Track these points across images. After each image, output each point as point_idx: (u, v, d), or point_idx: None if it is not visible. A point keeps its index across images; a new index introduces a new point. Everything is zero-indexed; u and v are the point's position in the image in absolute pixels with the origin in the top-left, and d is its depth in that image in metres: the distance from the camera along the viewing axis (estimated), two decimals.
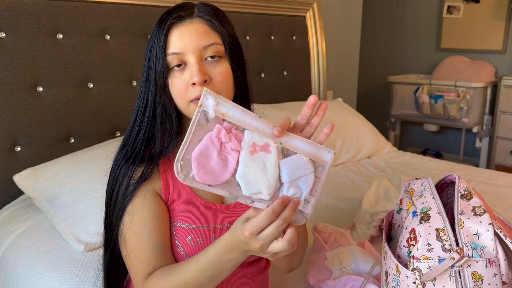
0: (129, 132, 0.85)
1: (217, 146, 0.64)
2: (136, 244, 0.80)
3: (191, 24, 0.79)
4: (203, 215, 0.85)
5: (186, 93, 0.79)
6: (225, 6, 2.02)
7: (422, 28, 3.71)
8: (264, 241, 0.64)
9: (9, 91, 1.44)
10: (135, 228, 0.81)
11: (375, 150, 2.26)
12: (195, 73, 0.77)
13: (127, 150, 0.84)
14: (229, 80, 0.82)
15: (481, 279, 0.70)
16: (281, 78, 2.41)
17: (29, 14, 1.47)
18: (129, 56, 1.72)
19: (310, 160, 0.68)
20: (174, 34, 0.79)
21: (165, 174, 0.85)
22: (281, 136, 0.67)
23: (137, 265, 0.80)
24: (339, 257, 1.09)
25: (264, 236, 0.64)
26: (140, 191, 0.82)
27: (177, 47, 0.78)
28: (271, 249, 0.65)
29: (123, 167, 0.83)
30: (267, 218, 0.63)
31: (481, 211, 0.76)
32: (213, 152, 0.64)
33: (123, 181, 0.82)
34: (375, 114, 3.57)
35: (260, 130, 0.66)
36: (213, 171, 0.64)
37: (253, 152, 0.65)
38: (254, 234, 0.64)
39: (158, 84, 0.80)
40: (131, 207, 0.81)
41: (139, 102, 0.84)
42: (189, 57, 0.78)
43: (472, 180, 1.88)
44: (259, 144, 0.65)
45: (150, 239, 0.80)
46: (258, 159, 0.65)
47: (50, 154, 1.52)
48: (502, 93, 3.03)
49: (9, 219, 1.37)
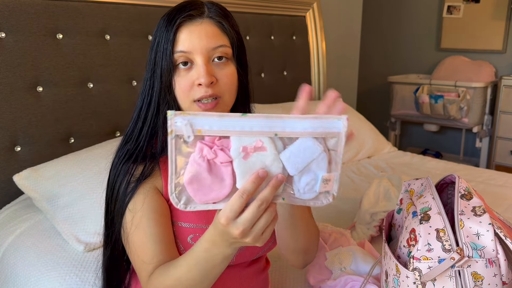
0: (131, 128, 0.85)
1: (204, 166, 0.58)
2: (139, 239, 0.80)
3: (201, 24, 0.79)
4: (204, 215, 0.85)
5: (191, 92, 0.79)
6: (225, 6, 2.02)
7: (422, 28, 3.71)
8: (244, 226, 0.58)
9: (9, 91, 1.44)
10: (137, 224, 0.80)
11: (375, 150, 2.26)
12: (203, 74, 0.77)
13: (129, 147, 0.83)
14: (235, 83, 0.82)
15: (481, 279, 0.70)
16: (281, 78, 2.41)
17: (29, 14, 1.47)
18: (129, 56, 1.72)
19: (316, 138, 0.59)
20: (184, 33, 0.79)
21: (166, 172, 0.85)
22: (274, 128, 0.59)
23: (142, 260, 0.79)
24: (339, 257, 1.09)
25: (243, 220, 0.58)
26: (141, 188, 0.81)
27: (185, 46, 0.78)
28: (253, 230, 0.60)
29: (125, 164, 0.82)
30: (238, 199, 0.58)
31: (481, 211, 0.76)
32: (203, 172, 0.58)
33: (124, 178, 0.82)
34: (375, 114, 3.57)
35: (247, 130, 0.58)
36: (211, 190, 0.59)
37: (246, 157, 0.58)
38: (231, 219, 0.59)
39: (163, 81, 0.80)
40: (133, 204, 0.81)
41: (142, 98, 0.84)
42: (196, 57, 0.78)
43: (472, 180, 1.88)
44: (251, 146, 0.58)
45: (154, 233, 0.80)
46: (255, 161, 0.58)
47: (50, 154, 1.52)
48: (502, 93, 3.03)
49: (9, 219, 1.37)
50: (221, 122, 0.57)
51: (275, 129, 0.58)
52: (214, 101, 0.79)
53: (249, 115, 0.57)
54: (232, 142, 0.58)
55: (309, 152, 0.59)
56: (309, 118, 0.59)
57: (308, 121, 0.59)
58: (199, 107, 0.79)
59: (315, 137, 0.59)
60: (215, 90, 0.78)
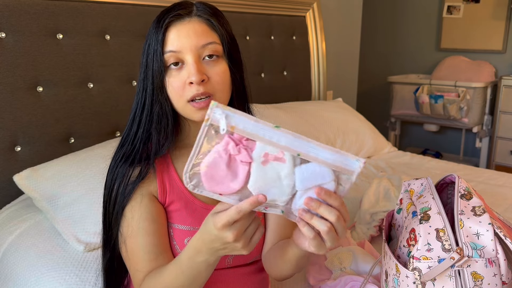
0: (127, 131, 0.85)
1: (224, 159, 0.61)
2: (131, 248, 0.81)
3: (189, 22, 0.79)
4: (201, 217, 0.85)
5: (183, 92, 0.78)
6: (225, 6, 2.02)
7: (422, 28, 3.71)
8: (237, 230, 0.62)
9: (9, 91, 1.44)
10: (130, 233, 0.81)
11: (375, 150, 2.26)
12: (193, 72, 0.77)
13: (125, 150, 0.84)
14: (227, 80, 0.81)
15: (481, 279, 0.70)
16: (281, 78, 2.41)
17: (29, 14, 1.47)
18: (129, 56, 1.72)
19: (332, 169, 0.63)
20: (172, 33, 0.78)
21: (161, 175, 0.85)
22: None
23: (134, 268, 0.81)
24: (339, 257, 1.09)
25: (238, 225, 0.63)
26: (136, 193, 0.82)
27: (174, 45, 0.78)
28: (245, 234, 0.64)
29: (122, 167, 0.83)
30: (235, 213, 0.61)
31: (481, 211, 0.76)
32: (221, 164, 0.62)
33: (122, 180, 0.82)
34: (375, 114, 3.57)
35: (274, 141, 0.61)
36: (223, 182, 0.62)
37: (265, 163, 0.62)
38: (227, 225, 0.62)
39: (155, 82, 0.80)
40: (129, 209, 0.82)
41: (137, 100, 0.84)
42: (186, 56, 0.78)
43: (472, 180, 1.88)
44: (272, 154, 0.61)
45: (145, 243, 0.80)
46: (272, 169, 0.62)
47: (50, 154, 1.52)
48: (502, 93, 3.03)
49: (9, 219, 1.37)
50: (254, 127, 0.61)
51: (300, 150, 0.62)
52: (207, 100, 0.78)
53: (282, 129, 0.61)
54: (257, 146, 0.62)
55: (319, 176, 0.62)
56: (333, 151, 0.62)
57: (331, 153, 0.62)
58: (193, 106, 0.79)
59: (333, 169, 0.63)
60: (207, 88, 0.78)
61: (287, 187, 0.63)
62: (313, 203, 0.62)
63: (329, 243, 0.64)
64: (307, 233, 0.64)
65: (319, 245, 0.65)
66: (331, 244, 0.64)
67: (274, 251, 0.87)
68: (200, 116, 0.79)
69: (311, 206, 0.62)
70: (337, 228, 0.63)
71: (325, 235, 0.63)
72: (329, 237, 0.63)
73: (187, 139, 0.89)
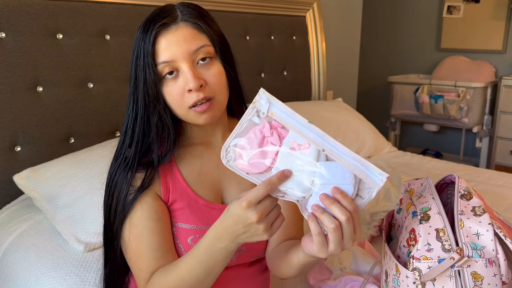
0: (120, 145, 0.84)
1: (258, 139, 0.67)
2: (137, 247, 0.81)
3: (177, 30, 0.78)
4: (204, 216, 0.85)
5: (183, 99, 0.78)
6: (225, 6, 2.02)
7: (422, 28, 3.71)
8: (262, 211, 0.64)
9: (9, 91, 1.44)
10: (135, 232, 0.81)
11: (375, 150, 2.26)
12: (190, 79, 0.76)
13: (120, 163, 0.83)
14: (224, 81, 0.81)
15: (481, 279, 0.70)
16: (281, 78, 2.41)
17: (29, 14, 1.47)
18: (129, 56, 1.70)
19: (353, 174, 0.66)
20: (162, 43, 0.78)
21: (165, 177, 0.85)
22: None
23: (139, 268, 0.81)
24: (339, 257, 1.09)
25: (262, 205, 0.65)
26: (140, 198, 0.81)
27: (166, 56, 0.77)
28: (268, 217, 0.66)
29: (121, 175, 0.82)
30: (263, 188, 0.64)
31: (481, 211, 0.76)
32: (254, 143, 0.67)
33: (123, 188, 0.81)
34: (375, 114, 3.57)
35: (305, 134, 0.67)
36: (252, 162, 0.67)
37: (293, 150, 0.67)
38: (253, 204, 0.64)
39: (150, 94, 0.79)
40: (132, 213, 0.81)
41: (128, 113, 0.83)
42: (180, 64, 0.77)
43: (472, 180, 1.88)
44: (300, 144, 0.66)
45: (150, 241, 0.80)
46: (297, 157, 0.66)
47: (50, 154, 1.52)
48: (502, 93, 3.03)
49: (9, 219, 1.37)
50: (290, 118, 0.67)
51: (325, 146, 0.66)
52: (207, 103, 0.78)
53: (313, 125, 0.67)
54: (289, 134, 0.67)
55: (340, 175, 0.65)
56: (357, 158, 0.65)
57: (355, 159, 0.65)
58: (195, 111, 0.78)
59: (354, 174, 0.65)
60: (206, 92, 0.78)
61: (307, 177, 0.66)
62: (327, 200, 0.64)
63: (332, 246, 0.64)
64: (314, 228, 0.64)
65: (321, 244, 0.65)
66: (334, 247, 0.64)
67: (278, 253, 0.87)
68: (204, 119, 0.79)
69: (325, 202, 0.64)
70: (344, 230, 0.64)
71: (331, 233, 0.63)
72: (334, 237, 0.63)
73: (190, 139, 0.89)
